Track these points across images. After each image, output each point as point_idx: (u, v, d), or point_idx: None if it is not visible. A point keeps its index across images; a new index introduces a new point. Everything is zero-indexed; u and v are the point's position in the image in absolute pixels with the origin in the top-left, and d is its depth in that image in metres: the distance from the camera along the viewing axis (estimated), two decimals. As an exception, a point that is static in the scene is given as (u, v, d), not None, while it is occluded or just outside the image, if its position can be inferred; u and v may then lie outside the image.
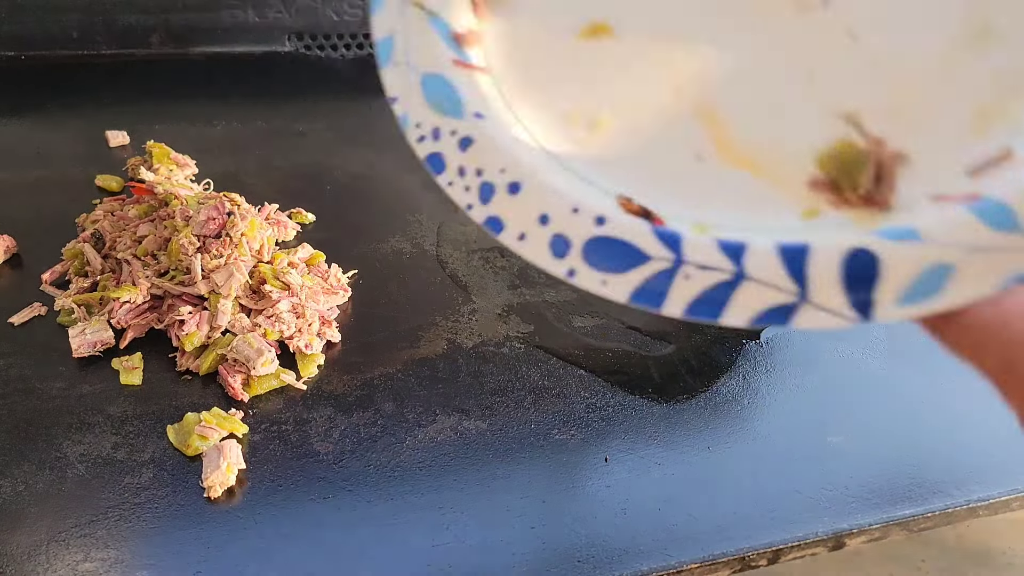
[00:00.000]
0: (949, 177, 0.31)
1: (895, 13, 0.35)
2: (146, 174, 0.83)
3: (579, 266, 0.32)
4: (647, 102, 0.36)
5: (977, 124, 0.32)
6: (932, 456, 0.65)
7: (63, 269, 0.72)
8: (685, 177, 0.34)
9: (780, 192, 0.33)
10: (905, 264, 0.28)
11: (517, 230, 0.34)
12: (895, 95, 0.34)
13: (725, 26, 0.37)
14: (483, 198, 0.35)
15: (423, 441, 0.63)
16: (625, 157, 0.36)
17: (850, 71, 0.34)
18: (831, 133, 0.33)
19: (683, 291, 0.31)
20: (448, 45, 0.38)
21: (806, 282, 0.29)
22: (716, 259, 0.31)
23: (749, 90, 0.35)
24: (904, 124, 0.33)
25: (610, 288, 0.32)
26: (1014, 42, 0.32)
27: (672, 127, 0.36)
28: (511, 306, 0.75)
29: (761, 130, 0.35)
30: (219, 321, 0.67)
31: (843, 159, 0.33)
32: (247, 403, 0.64)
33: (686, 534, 0.57)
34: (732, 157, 0.34)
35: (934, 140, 0.32)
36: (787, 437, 0.66)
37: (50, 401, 0.62)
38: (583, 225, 0.33)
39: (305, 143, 0.77)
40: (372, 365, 0.68)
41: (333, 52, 1.10)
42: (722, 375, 0.70)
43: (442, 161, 0.36)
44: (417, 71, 0.37)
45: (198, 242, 0.70)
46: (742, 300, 0.30)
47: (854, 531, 0.58)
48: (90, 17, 1.00)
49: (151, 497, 0.57)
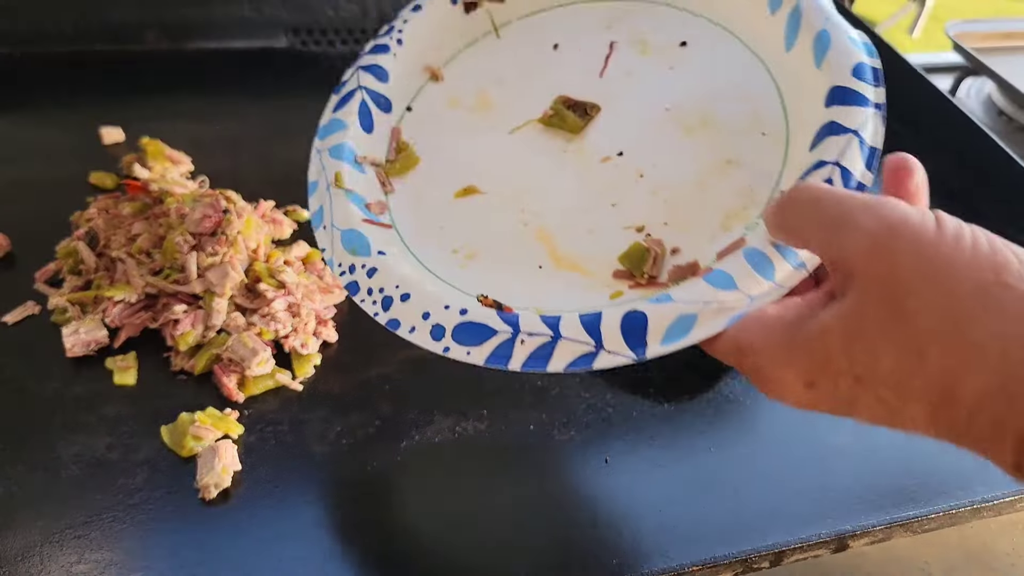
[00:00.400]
0: (705, 260, 0.46)
1: (665, 156, 0.52)
2: (140, 171, 0.82)
3: (451, 344, 0.46)
4: (504, 233, 0.53)
5: (725, 224, 0.47)
6: (936, 457, 0.64)
7: (56, 268, 0.72)
8: (531, 280, 0.50)
9: (596, 283, 0.48)
10: (663, 318, 0.42)
11: (409, 325, 0.49)
12: (669, 211, 0.50)
13: (556, 176, 0.55)
14: (384, 307, 0.50)
15: (420, 442, 0.62)
16: (490, 270, 0.51)
17: (639, 198, 0.51)
18: (627, 240, 0.49)
19: (520, 352, 0.44)
20: (361, 211, 0.55)
21: (600, 337, 0.43)
22: (541, 328, 0.44)
23: (573, 218, 0.52)
24: (675, 229, 0.49)
25: (472, 357, 0.45)
26: (748, 168, 0.49)
27: (521, 248, 0.52)
28: (510, 305, 0.75)
29: (581, 244, 0.51)
30: (214, 320, 0.66)
31: (634, 256, 0.48)
32: (242, 403, 0.63)
33: (688, 536, 0.57)
34: (563, 264, 0.51)
35: (695, 237, 0.48)
36: (789, 438, 0.65)
37: (43, 401, 0.62)
38: (452, 316, 0.47)
39: (302, 140, 0.76)
40: (369, 365, 0.68)
41: (330, 47, 1.09)
42: (723, 375, 0.69)
43: (357, 286, 0.52)
44: (338, 228, 0.54)
45: (193, 240, 0.69)
46: (560, 353, 0.43)
47: (857, 532, 0.58)
48: (84, 13, 0.99)
49: (145, 498, 0.56)
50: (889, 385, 0.34)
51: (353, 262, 0.53)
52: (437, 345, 0.47)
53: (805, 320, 0.37)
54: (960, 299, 0.32)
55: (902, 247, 0.34)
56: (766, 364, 0.39)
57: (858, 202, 0.36)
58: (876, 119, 0.44)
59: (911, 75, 1.03)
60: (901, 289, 0.33)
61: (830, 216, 0.36)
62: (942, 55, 1.35)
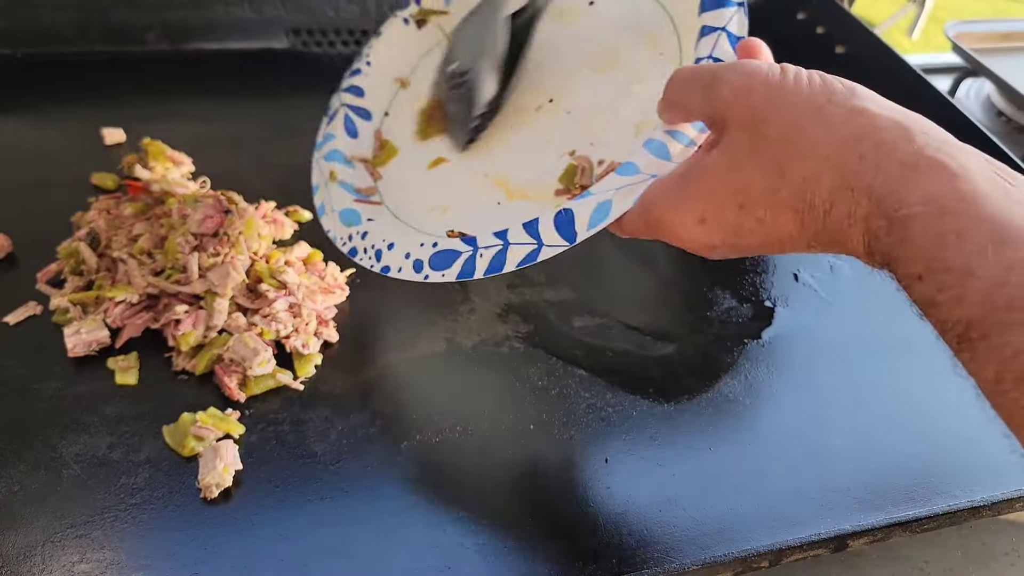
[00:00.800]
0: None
1: (585, 94, 0.64)
2: (141, 172, 0.82)
3: (429, 272, 0.57)
4: (468, 185, 0.65)
5: (637, 132, 0.58)
6: (934, 456, 0.64)
7: (58, 268, 0.72)
8: (491, 214, 0.61)
9: (542, 204, 0.59)
10: (586, 209, 0.51)
11: (396, 267, 0.60)
12: (592, 134, 0.61)
13: (504, 130, 0.67)
14: (377, 258, 0.62)
15: (421, 442, 0.62)
16: (459, 215, 0.63)
17: (568, 130, 0.63)
18: (563, 165, 0.60)
19: (481, 263, 0.54)
20: (352, 194, 0.69)
21: (539, 236, 0.52)
22: (494, 241, 0.54)
23: (520, 159, 0.64)
24: (599, 146, 0.60)
25: (446, 277, 0.56)
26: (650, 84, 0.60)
27: (482, 193, 0.63)
28: (510, 305, 0.75)
29: (528, 177, 0.62)
30: (215, 321, 0.66)
31: (568, 174, 0.59)
32: (243, 403, 0.63)
33: (687, 535, 0.57)
34: (514, 196, 0.62)
35: (615, 148, 0.59)
36: (789, 438, 0.65)
37: (45, 401, 0.62)
38: (427, 251, 0.58)
39: (302, 140, 0.76)
40: (370, 365, 0.68)
41: (330, 48, 1.09)
42: (723, 375, 0.69)
43: (355, 250, 0.64)
44: (335, 210, 0.68)
45: (195, 241, 0.70)
46: (511, 256, 0.53)
47: (857, 532, 0.58)
48: (85, 14, 0.99)
49: (147, 498, 0.56)
50: (764, 204, 0.42)
51: (350, 232, 0.66)
52: (419, 276, 0.58)
53: (692, 168, 0.46)
54: (801, 118, 0.41)
55: (757, 88, 0.42)
56: (663, 212, 0.47)
57: (723, 66, 0.45)
58: (740, 14, 0.53)
59: (911, 76, 1.03)
60: (760, 120, 0.42)
61: (704, 81, 0.45)
62: (941, 56, 1.35)
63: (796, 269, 0.83)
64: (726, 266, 0.82)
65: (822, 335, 0.76)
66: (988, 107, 1.25)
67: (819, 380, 0.71)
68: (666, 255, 0.83)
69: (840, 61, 1.15)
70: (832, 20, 1.17)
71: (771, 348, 0.73)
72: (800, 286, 0.81)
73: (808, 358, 0.73)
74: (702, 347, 0.73)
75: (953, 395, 0.70)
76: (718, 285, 0.80)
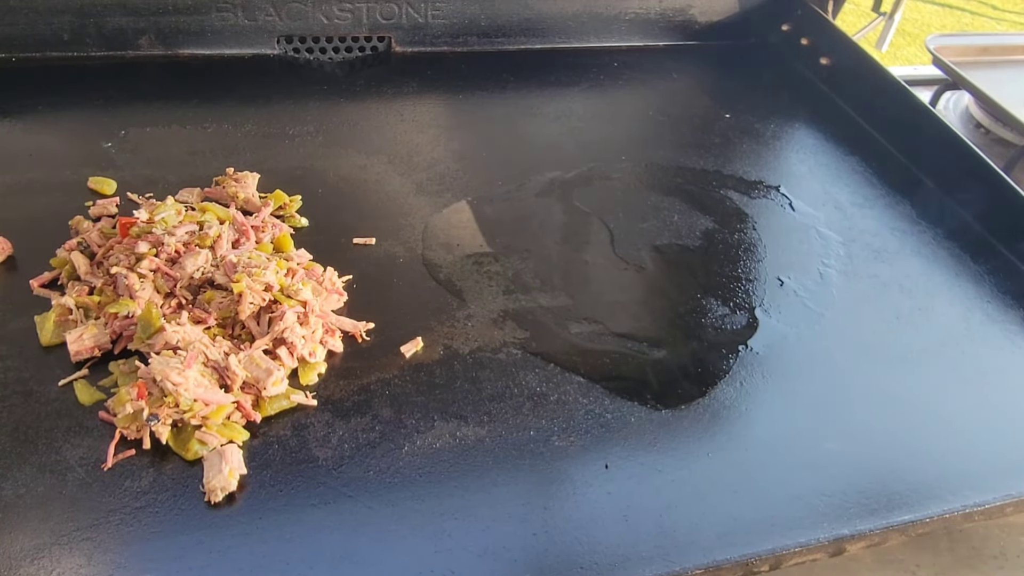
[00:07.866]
0: None
1: None
2: (140, 212, 0.76)
3: None
4: None
5: None
6: (928, 462, 0.66)
7: (52, 277, 0.72)
8: None
9: None
10: None
11: None
12: None
13: None
14: None
15: (422, 447, 0.63)
16: None
17: None
18: None
19: None
20: None
21: None
22: None
23: None
24: None
25: None
26: None
27: None
28: (506, 311, 0.75)
29: None
30: None
31: None
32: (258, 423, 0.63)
33: (688, 540, 0.58)
34: None
35: None
36: (785, 443, 0.66)
37: (48, 404, 0.62)
38: None
39: (295, 146, 0.77)
40: (369, 371, 0.68)
41: (322, 55, 1.09)
42: (719, 382, 0.70)
43: None
44: None
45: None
46: None
47: (855, 536, 0.59)
48: (81, 20, 0.99)
49: (152, 501, 0.57)
50: None
51: None
52: None
53: None
54: None
55: None
56: None
57: None
58: None
59: (894, 88, 1.05)
60: None
61: None
62: (921, 69, 1.37)
63: (787, 276, 0.84)
64: (717, 273, 0.83)
65: (815, 343, 0.77)
66: (967, 119, 1.27)
67: (813, 387, 0.72)
68: (656, 263, 0.84)
69: (824, 73, 1.17)
70: (817, 32, 1.19)
71: (766, 355, 0.74)
72: (791, 294, 0.82)
73: (802, 365, 0.74)
74: (698, 354, 0.73)
75: (947, 402, 0.72)
76: (710, 293, 0.81)
